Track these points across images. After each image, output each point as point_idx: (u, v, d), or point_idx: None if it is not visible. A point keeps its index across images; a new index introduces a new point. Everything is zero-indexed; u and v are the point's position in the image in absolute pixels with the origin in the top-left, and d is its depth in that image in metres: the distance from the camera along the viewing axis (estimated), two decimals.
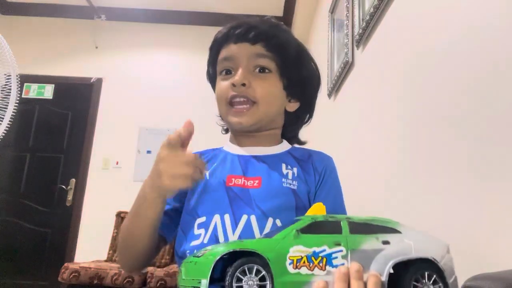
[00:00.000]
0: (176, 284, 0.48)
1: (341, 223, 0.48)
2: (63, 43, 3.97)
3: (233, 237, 0.65)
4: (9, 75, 1.97)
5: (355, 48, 1.86)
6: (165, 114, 3.73)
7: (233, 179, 0.72)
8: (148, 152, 3.68)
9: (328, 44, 2.46)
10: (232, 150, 0.79)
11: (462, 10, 0.93)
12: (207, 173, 0.75)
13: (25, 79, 3.33)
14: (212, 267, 0.43)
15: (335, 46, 2.34)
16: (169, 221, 0.76)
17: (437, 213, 0.99)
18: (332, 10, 2.43)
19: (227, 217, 0.67)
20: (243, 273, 0.43)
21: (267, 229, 0.66)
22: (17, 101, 1.99)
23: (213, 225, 0.67)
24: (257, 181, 0.71)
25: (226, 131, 0.87)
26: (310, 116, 0.86)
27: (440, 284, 0.47)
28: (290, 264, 0.44)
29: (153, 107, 3.78)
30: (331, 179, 0.77)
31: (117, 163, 3.68)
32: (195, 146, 0.96)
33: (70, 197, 3.60)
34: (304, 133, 0.95)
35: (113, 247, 3.16)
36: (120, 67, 3.93)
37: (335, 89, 2.24)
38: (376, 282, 0.44)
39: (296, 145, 0.87)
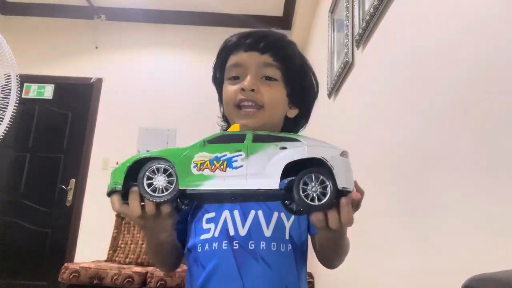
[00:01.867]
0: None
1: (247, 134, 0.54)
2: (63, 43, 3.97)
3: (243, 230, 0.71)
4: (9, 75, 1.97)
5: (355, 48, 1.86)
6: (165, 114, 3.73)
7: None
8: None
9: (328, 44, 2.46)
10: None
11: (461, 10, 0.93)
12: None
13: (25, 79, 3.32)
14: (125, 171, 0.54)
15: (335, 46, 2.34)
16: (184, 227, 0.80)
17: (437, 213, 0.99)
18: (332, 10, 2.43)
19: (236, 212, 0.73)
20: (153, 173, 0.52)
21: (272, 223, 0.72)
22: (17, 101, 1.99)
23: (223, 220, 0.73)
24: None
25: (225, 131, 0.90)
26: (306, 122, 0.92)
27: (328, 183, 0.51)
28: (194, 167, 0.51)
29: (153, 107, 3.78)
30: None
31: (117, 163, 3.66)
32: None
33: (70, 197, 3.60)
34: (304, 133, 0.96)
35: (113, 247, 3.17)
36: (120, 67, 3.93)
37: (335, 89, 2.24)
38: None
39: None
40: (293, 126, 0.89)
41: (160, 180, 0.52)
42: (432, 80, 1.06)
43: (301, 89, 0.85)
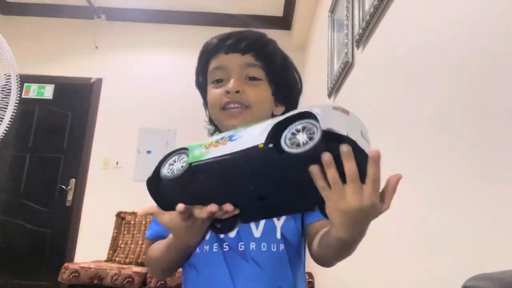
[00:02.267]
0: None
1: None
2: (63, 43, 3.97)
3: (232, 232, 0.71)
4: (9, 75, 1.97)
5: (355, 48, 1.86)
6: (165, 114, 3.73)
7: None
8: (148, 152, 3.68)
9: (328, 44, 2.46)
10: None
11: (461, 10, 0.93)
12: None
13: (25, 79, 3.32)
14: (157, 164, 0.64)
15: (335, 46, 2.34)
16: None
17: (437, 214, 0.99)
18: (332, 10, 2.43)
19: None
20: (173, 161, 0.62)
21: (262, 223, 0.72)
22: (17, 101, 1.99)
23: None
24: None
25: (212, 134, 0.92)
26: None
27: (314, 129, 0.47)
28: (203, 147, 0.58)
29: (153, 107, 3.78)
30: None
31: (117, 163, 3.68)
32: None
33: (70, 197, 3.60)
34: None
35: (113, 247, 3.17)
36: (120, 67, 3.93)
37: (335, 89, 2.24)
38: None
39: None
40: None
41: (177, 165, 0.60)
42: (432, 80, 1.06)
43: (285, 86, 0.85)
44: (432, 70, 1.06)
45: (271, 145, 0.49)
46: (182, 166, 0.59)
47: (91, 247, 3.36)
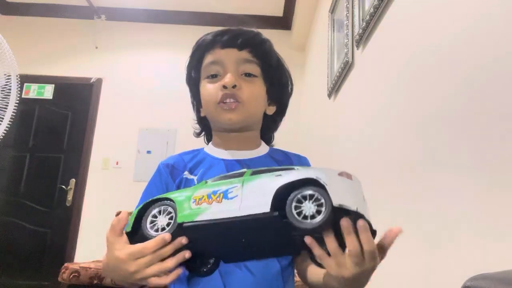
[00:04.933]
0: None
1: (246, 171, 0.55)
2: (63, 43, 3.97)
3: None
4: (9, 75, 1.97)
5: (355, 48, 1.86)
6: (165, 114, 3.73)
7: None
8: (148, 152, 3.68)
9: (328, 44, 2.46)
10: (217, 154, 0.83)
11: (461, 10, 0.93)
12: (195, 178, 0.78)
13: (25, 79, 3.32)
14: (135, 214, 0.57)
15: (335, 46, 2.34)
16: None
17: (437, 213, 0.99)
18: (332, 10, 2.43)
19: None
20: (158, 213, 0.55)
21: None
22: (17, 101, 1.99)
23: None
24: None
25: (198, 135, 0.93)
26: (281, 120, 0.92)
27: (323, 200, 0.46)
28: (193, 202, 0.53)
29: (153, 107, 3.78)
30: None
31: (117, 163, 3.68)
32: (195, 145, 0.97)
33: (70, 197, 3.60)
34: (304, 133, 0.96)
35: None
36: (120, 67, 3.92)
37: (335, 89, 2.24)
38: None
39: (274, 147, 0.93)
40: (271, 124, 0.89)
41: (161, 220, 0.54)
42: (432, 80, 1.06)
43: (279, 85, 0.85)
44: (432, 70, 1.06)
45: (276, 213, 0.49)
46: (168, 224, 0.53)
47: (91, 247, 3.36)
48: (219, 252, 0.61)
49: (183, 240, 0.54)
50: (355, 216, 0.48)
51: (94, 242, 3.42)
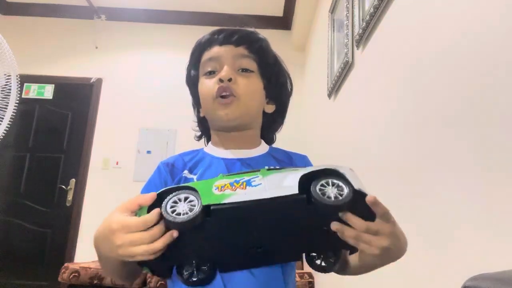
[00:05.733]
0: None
1: (261, 170, 0.58)
2: (63, 43, 3.97)
3: None
4: (9, 75, 1.97)
5: (355, 48, 1.86)
6: (165, 114, 3.73)
7: None
8: (148, 152, 3.68)
9: (328, 44, 2.46)
10: (217, 154, 0.83)
11: (462, 10, 0.93)
12: (195, 177, 0.78)
13: (25, 79, 3.32)
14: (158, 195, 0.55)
15: (335, 46, 2.34)
16: None
17: (437, 213, 0.99)
18: (332, 10, 2.43)
19: None
20: (178, 200, 0.53)
21: None
22: (17, 101, 1.99)
23: None
24: None
25: (199, 138, 0.93)
26: (282, 122, 0.93)
27: (344, 185, 0.53)
28: (215, 189, 0.53)
29: (153, 107, 3.78)
30: None
31: (117, 163, 3.68)
32: (195, 145, 0.97)
33: (70, 197, 3.60)
34: (305, 133, 0.96)
35: None
36: (120, 67, 3.92)
37: (335, 89, 2.24)
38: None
39: (274, 146, 0.92)
40: (271, 123, 0.89)
41: (183, 207, 0.52)
42: (432, 80, 1.06)
43: (276, 83, 0.86)
44: (432, 69, 1.06)
45: (304, 196, 0.53)
46: (190, 209, 0.52)
47: (91, 247, 3.34)
48: (219, 257, 0.61)
49: (174, 233, 0.53)
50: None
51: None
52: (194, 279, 0.59)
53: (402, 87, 1.28)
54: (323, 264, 0.61)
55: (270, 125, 0.89)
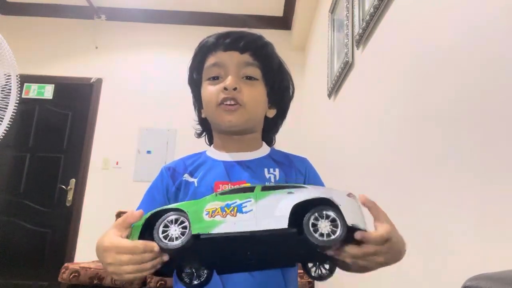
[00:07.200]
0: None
1: (256, 187, 0.56)
2: (63, 43, 3.97)
3: None
4: (9, 75, 1.97)
5: (355, 48, 1.86)
6: (165, 114, 3.73)
7: (220, 185, 0.76)
8: (148, 152, 3.68)
9: (328, 44, 2.46)
10: (217, 157, 0.83)
11: (462, 10, 0.92)
12: (195, 181, 0.78)
13: (25, 79, 3.32)
14: (142, 224, 0.57)
15: (335, 46, 2.34)
16: None
17: (437, 213, 0.99)
18: (332, 10, 2.43)
19: None
20: (168, 224, 0.54)
21: None
22: (17, 101, 1.99)
23: None
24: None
25: (199, 135, 0.93)
26: (282, 122, 0.93)
27: (337, 219, 0.52)
28: (206, 214, 0.53)
29: (153, 107, 3.78)
30: (313, 174, 0.86)
31: (117, 163, 3.67)
32: (195, 145, 0.96)
33: (70, 197, 3.60)
34: (305, 133, 0.96)
35: None
36: (120, 67, 3.92)
37: (335, 89, 2.24)
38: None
39: (275, 148, 0.93)
40: (272, 126, 0.90)
41: (174, 230, 0.54)
42: (432, 80, 1.06)
43: (279, 89, 0.86)
44: (432, 69, 1.06)
45: (294, 230, 0.52)
46: (182, 233, 0.53)
47: (91, 247, 3.33)
48: (217, 264, 0.62)
49: (164, 257, 0.55)
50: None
51: (94, 242, 3.41)
52: (195, 282, 0.61)
53: (402, 87, 1.28)
54: (319, 273, 0.62)
55: (271, 128, 0.90)
